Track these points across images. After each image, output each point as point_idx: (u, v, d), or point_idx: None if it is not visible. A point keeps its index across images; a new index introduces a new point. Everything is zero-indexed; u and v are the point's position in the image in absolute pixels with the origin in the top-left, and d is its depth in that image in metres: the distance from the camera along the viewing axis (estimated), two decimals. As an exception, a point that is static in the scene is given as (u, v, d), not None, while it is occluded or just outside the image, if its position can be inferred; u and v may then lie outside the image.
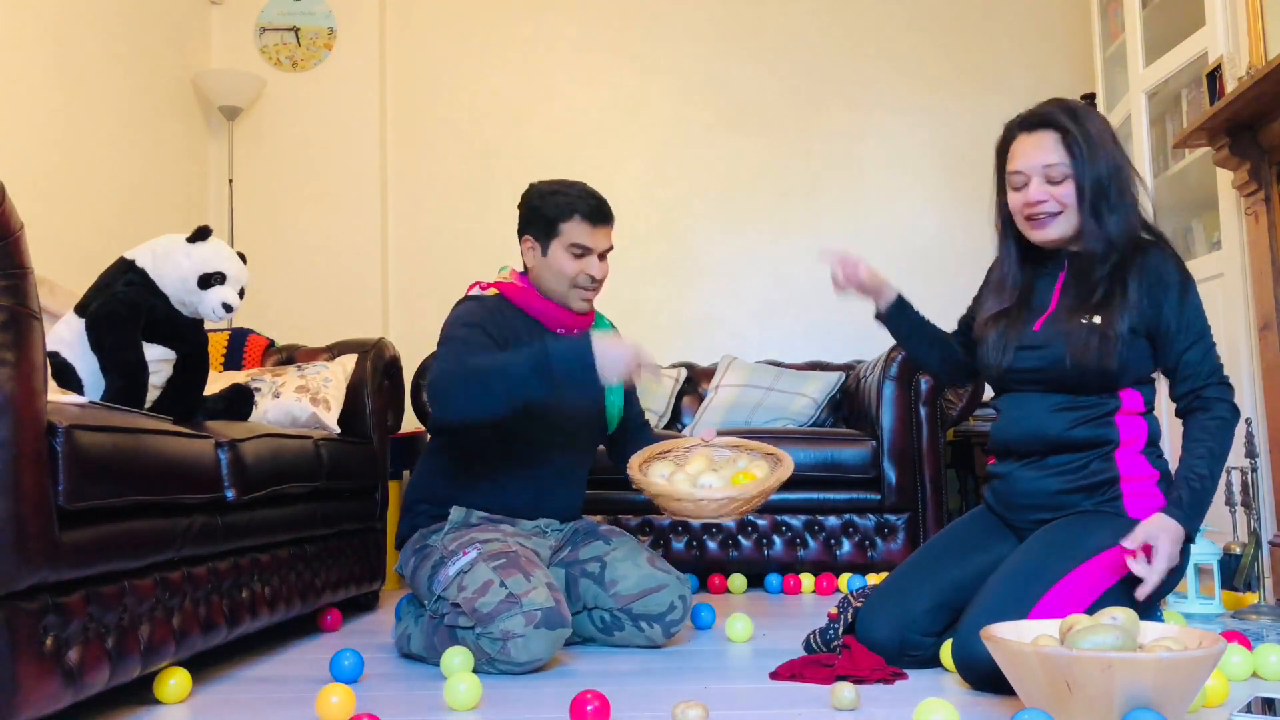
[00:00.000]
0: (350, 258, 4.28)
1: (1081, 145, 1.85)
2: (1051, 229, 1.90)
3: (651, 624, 2.21)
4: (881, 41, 4.44)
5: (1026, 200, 1.90)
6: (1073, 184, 1.87)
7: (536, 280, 2.29)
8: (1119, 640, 1.41)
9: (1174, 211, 3.36)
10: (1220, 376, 1.87)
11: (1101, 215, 1.86)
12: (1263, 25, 2.74)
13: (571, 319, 2.29)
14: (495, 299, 2.27)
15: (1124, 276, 1.86)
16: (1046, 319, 1.93)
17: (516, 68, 4.46)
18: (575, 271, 2.23)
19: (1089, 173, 1.85)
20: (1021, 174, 1.90)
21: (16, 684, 1.36)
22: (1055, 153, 1.87)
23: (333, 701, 1.60)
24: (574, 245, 2.22)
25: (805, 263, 4.37)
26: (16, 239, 1.40)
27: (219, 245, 2.18)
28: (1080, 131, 1.86)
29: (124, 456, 1.61)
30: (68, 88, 3.36)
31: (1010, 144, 1.95)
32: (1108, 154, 1.87)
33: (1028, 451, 1.94)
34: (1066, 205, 1.88)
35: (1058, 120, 1.88)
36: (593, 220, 2.23)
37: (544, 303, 2.27)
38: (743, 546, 3.32)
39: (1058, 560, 1.78)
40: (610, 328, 2.43)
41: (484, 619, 1.96)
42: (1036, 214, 1.89)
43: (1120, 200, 1.87)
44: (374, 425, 2.90)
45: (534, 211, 2.27)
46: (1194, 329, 1.86)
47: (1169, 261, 1.88)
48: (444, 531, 2.19)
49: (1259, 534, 2.55)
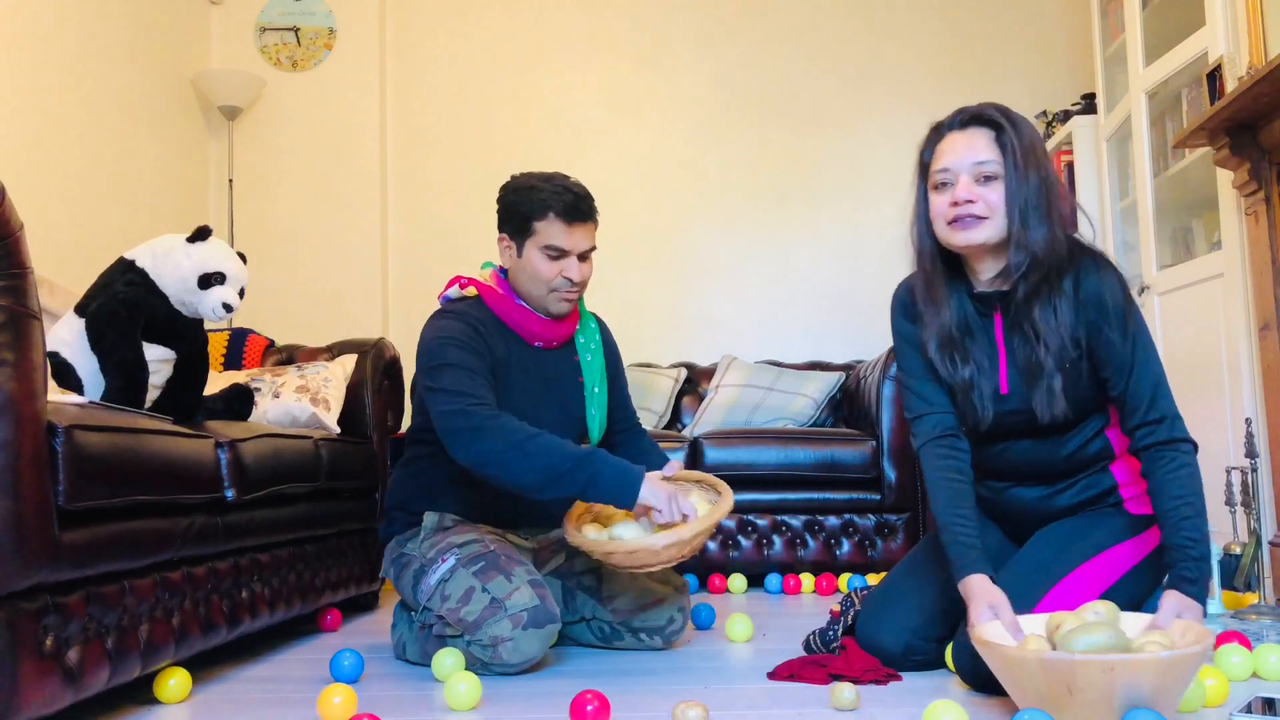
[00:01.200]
0: (350, 258, 4.28)
1: (1015, 147, 1.73)
2: (977, 232, 1.74)
3: (652, 635, 2.20)
4: (881, 42, 4.44)
5: (953, 199, 1.74)
6: (1002, 187, 1.73)
7: (514, 282, 2.15)
8: (1112, 639, 1.42)
9: (1174, 211, 3.36)
10: (1172, 408, 1.76)
11: (1030, 224, 1.72)
12: (1263, 25, 2.74)
13: (551, 331, 2.17)
14: (474, 304, 2.16)
15: (1054, 301, 1.74)
16: (1006, 376, 1.82)
17: (516, 67, 4.46)
18: (552, 275, 2.08)
19: (1020, 177, 1.72)
20: (949, 171, 1.76)
21: (16, 684, 1.36)
22: (989, 150, 1.74)
23: (335, 702, 1.61)
24: (549, 247, 2.06)
25: (805, 263, 4.38)
26: (16, 239, 1.40)
27: (219, 245, 2.18)
28: (1015, 133, 1.74)
29: (124, 456, 1.61)
30: (67, 88, 3.36)
31: (937, 144, 1.81)
32: (1040, 163, 1.74)
33: (1024, 478, 1.91)
34: (994, 211, 1.73)
35: (992, 118, 1.76)
36: (568, 218, 2.05)
37: (522, 312, 2.14)
38: (743, 546, 3.32)
39: (1061, 559, 1.78)
40: (596, 327, 2.32)
41: (471, 627, 1.95)
42: (962, 214, 1.74)
43: (1048, 212, 1.73)
44: (374, 425, 2.90)
45: (509, 208, 2.11)
46: (1140, 357, 1.75)
47: (1107, 280, 1.75)
48: (420, 538, 2.15)
49: (1259, 534, 2.55)
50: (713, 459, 3.33)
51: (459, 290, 2.20)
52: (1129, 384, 1.75)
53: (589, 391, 2.24)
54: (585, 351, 2.26)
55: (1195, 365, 3.03)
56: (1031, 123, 1.80)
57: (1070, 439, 1.84)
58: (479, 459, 1.90)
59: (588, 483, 1.88)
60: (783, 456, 3.32)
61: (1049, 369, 1.75)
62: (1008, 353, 1.82)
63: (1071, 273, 1.76)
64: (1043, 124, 4.26)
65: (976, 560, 1.72)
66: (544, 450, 1.88)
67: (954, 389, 1.85)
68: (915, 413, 1.90)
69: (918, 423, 1.90)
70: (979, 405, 1.82)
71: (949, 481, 1.82)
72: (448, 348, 2.02)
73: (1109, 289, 1.75)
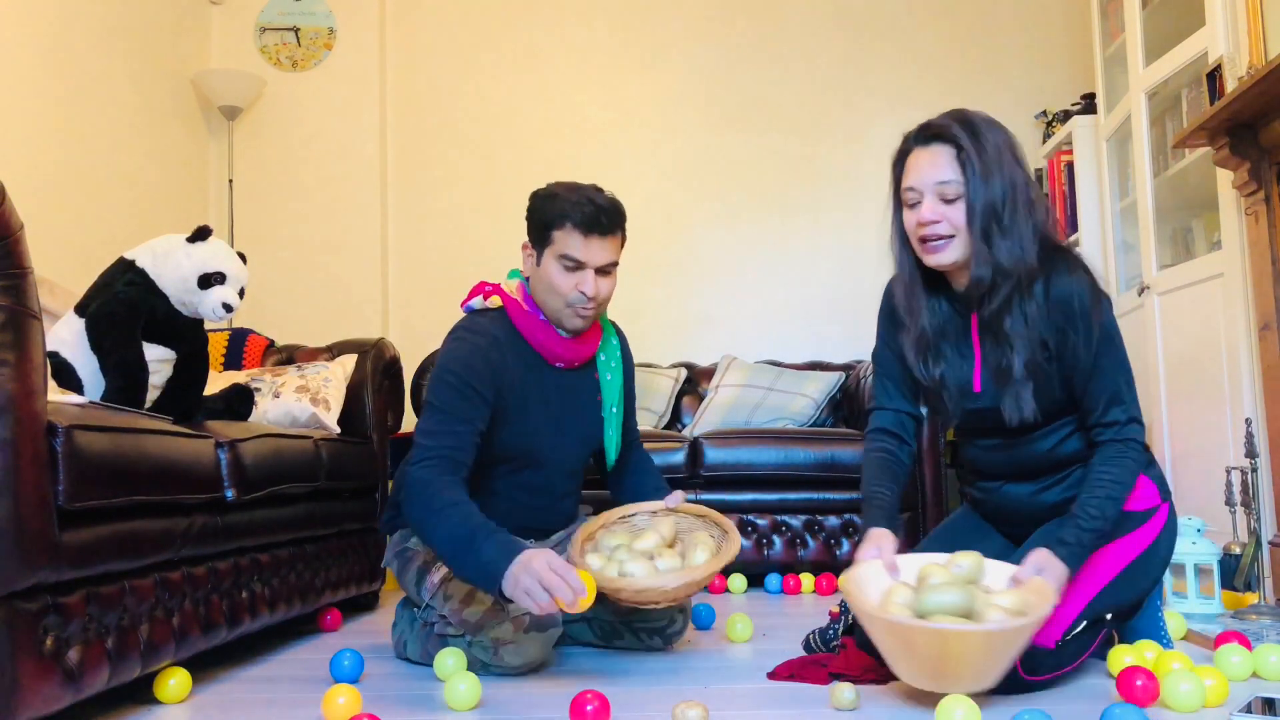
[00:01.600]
0: (350, 258, 4.28)
1: (975, 163, 1.72)
2: (945, 254, 1.77)
3: (652, 635, 2.20)
4: (881, 42, 4.44)
5: (920, 219, 1.77)
6: (964, 204, 1.74)
7: (535, 293, 2.10)
8: (961, 600, 1.56)
9: (1174, 211, 3.36)
10: (1128, 413, 1.78)
11: (992, 239, 1.72)
12: (1263, 25, 2.74)
13: (572, 352, 2.12)
14: (497, 317, 2.10)
15: (1025, 309, 1.76)
16: (980, 375, 1.85)
17: (516, 67, 4.47)
18: (568, 288, 2.01)
19: (981, 193, 1.72)
20: (915, 190, 1.77)
21: (16, 684, 1.36)
22: (949, 169, 1.74)
23: (339, 702, 1.61)
24: (564, 257, 2.00)
25: (805, 263, 4.38)
26: (16, 239, 1.40)
27: (219, 245, 2.18)
28: (975, 148, 1.73)
29: (124, 456, 1.61)
30: (68, 88, 3.35)
31: (906, 157, 1.82)
32: (1004, 173, 1.73)
33: (1012, 475, 1.93)
34: (959, 228, 1.75)
35: (952, 134, 1.75)
36: (585, 229, 1.99)
37: (546, 331, 2.09)
38: (743, 546, 3.32)
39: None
40: (617, 344, 2.27)
41: (473, 628, 1.95)
42: (929, 235, 1.76)
43: (1014, 223, 1.72)
44: (374, 425, 2.90)
45: (532, 214, 2.08)
46: (1101, 363, 1.77)
47: (1076, 284, 1.76)
48: None
49: (1259, 534, 2.55)
50: (713, 459, 3.33)
51: (482, 301, 2.13)
52: (1089, 387, 1.79)
53: (607, 412, 2.21)
54: (606, 370, 2.21)
55: (1195, 365, 3.03)
56: (1000, 128, 1.78)
57: (1045, 436, 1.86)
58: (412, 523, 1.92)
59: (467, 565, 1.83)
60: (783, 456, 3.32)
61: (1018, 376, 1.78)
62: (983, 353, 1.84)
63: (1043, 276, 1.77)
64: (1042, 124, 4.27)
65: (882, 519, 1.84)
66: (449, 535, 1.84)
67: (928, 387, 1.91)
68: (875, 403, 2.02)
69: (873, 413, 2.02)
70: (950, 403, 1.89)
71: (878, 459, 1.95)
72: (442, 383, 1.98)
73: (1077, 292, 1.76)
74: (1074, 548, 1.71)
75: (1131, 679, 1.62)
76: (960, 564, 1.69)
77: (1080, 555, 1.72)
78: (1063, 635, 1.74)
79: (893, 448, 1.97)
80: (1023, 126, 4.36)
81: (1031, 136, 4.33)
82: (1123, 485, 1.76)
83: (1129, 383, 1.80)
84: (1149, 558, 1.83)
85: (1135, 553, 1.82)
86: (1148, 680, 1.61)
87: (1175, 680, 1.59)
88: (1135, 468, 1.78)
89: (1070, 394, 1.82)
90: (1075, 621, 1.75)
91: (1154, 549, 1.84)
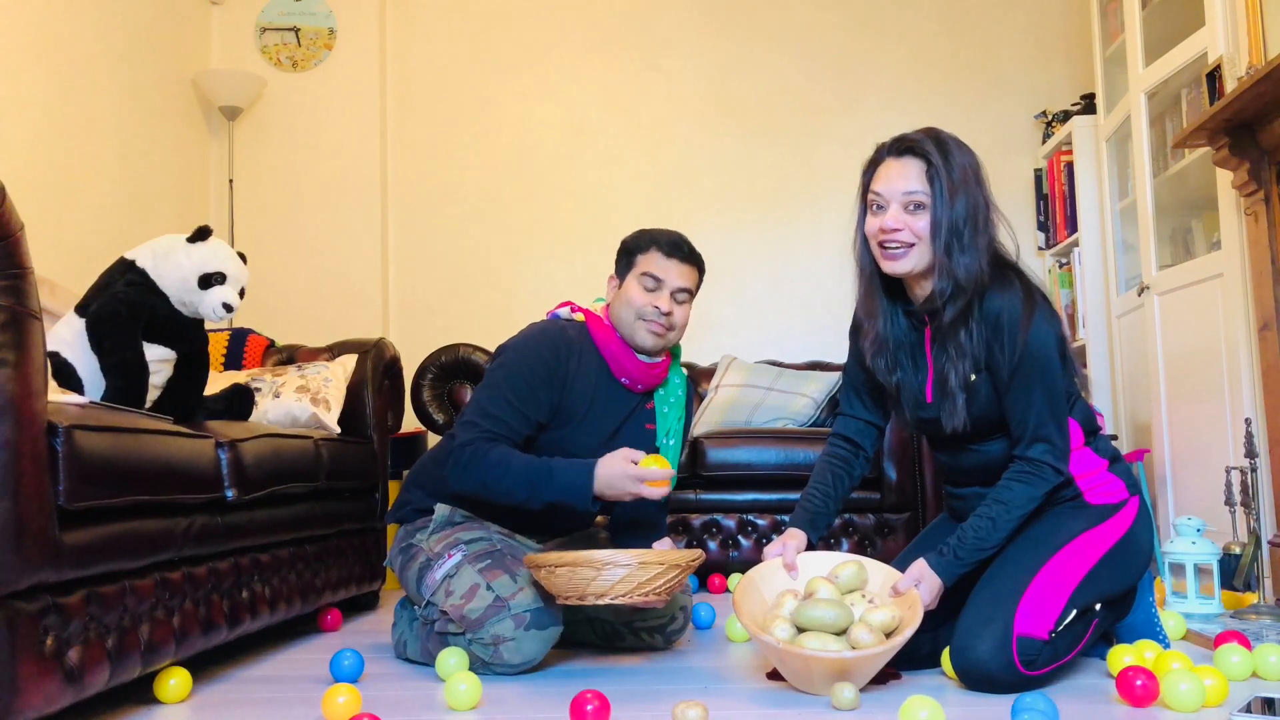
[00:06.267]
0: (350, 258, 4.28)
1: (944, 180, 1.81)
2: (903, 262, 1.85)
3: (652, 635, 2.21)
4: (881, 42, 4.44)
5: (883, 225, 1.85)
6: (929, 217, 1.83)
7: (614, 315, 2.23)
8: (835, 617, 1.73)
9: (1174, 211, 3.36)
10: (1043, 433, 1.82)
11: (953, 254, 1.82)
12: (1263, 25, 2.74)
13: (641, 372, 2.21)
14: (579, 327, 2.24)
15: (971, 324, 1.85)
16: (932, 385, 1.92)
17: (516, 67, 4.46)
18: (643, 302, 2.16)
19: (946, 209, 1.81)
20: (882, 196, 1.87)
21: (16, 684, 1.36)
22: (917, 181, 1.83)
23: (339, 702, 1.61)
24: (646, 274, 2.17)
25: (805, 263, 4.38)
26: (16, 239, 1.40)
27: (219, 245, 2.18)
28: (945, 165, 1.82)
29: (124, 456, 1.61)
30: (68, 88, 3.36)
31: (877, 165, 1.91)
32: (969, 192, 1.83)
33: (984, 481, 1.96)
34: (920, 239, 1.84)
35: (925, 150, 1.84)
36: (667, 251, 2.18)
37: (620, 346, 2.20)
38: (742, 546, 3.32)
39: (1034, 555, 1.84)
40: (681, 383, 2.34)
41: (473, 625, 1.96)
42: (890, 242, 1.85)
43: (973, 241, 1.82)
44: (374, 425, 2.90)
45: (621, 249, 2.26)
46: (1017, 382, 1.82)
47: (1006, 300, 1.83)
48: (429, 531, 2.15)
49: (1259, 534, 2.55)
50: (713, 459, 3.34)
51: (569, 312, 2.29)
52: (1006, 402, 1.86)
53: (661, 441, 2.28)
54: (663, 404, 2.31)
55: (1195, 365, 3.03)
56: (968, 150, 1.89)
57: (998, 442, 1.92)
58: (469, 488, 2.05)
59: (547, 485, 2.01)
60: (783, 456, 3.32)
61: (954, 386, 1.86)
62: (935, 365, 1.92)
63: (982, 293, 1.85)
64: (1042, 124, 4.27)
65: (803, 520, 2.01)
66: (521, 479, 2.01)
67: (889, 392, 2.01)
68: (839, 410, 2.15)
69: (835, 419, 2.15)
70: (905, 408, 1.99)
71: (827, 464, 2.09)
72: (513, 369, 2.11)
73: (1005, 308, 1.83)
74: (949, 561, 1.83)
75: (1131, 679, 1.62)
76: (840, 575, 1.87)
77: (955, 569, 1.83)
78: (1054, 626, 1.76)
79: (847, 454, 2.10)
80: (1022, 126, 4.36)
81: (1031, 136, 4.33)
82: (1010, 507, 1.83)
83: (1050, 401, 1.83)
84: (1125, 547, 1.87)
85: (1109, 543, 1.86)
86: (1147, 680, 1.61)
87: (1175, 680, 1.59)
88: (1033, 490, 1.83)
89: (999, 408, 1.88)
90: (1064, 611, 1.78)
91: (1129, 539, 1.88)
